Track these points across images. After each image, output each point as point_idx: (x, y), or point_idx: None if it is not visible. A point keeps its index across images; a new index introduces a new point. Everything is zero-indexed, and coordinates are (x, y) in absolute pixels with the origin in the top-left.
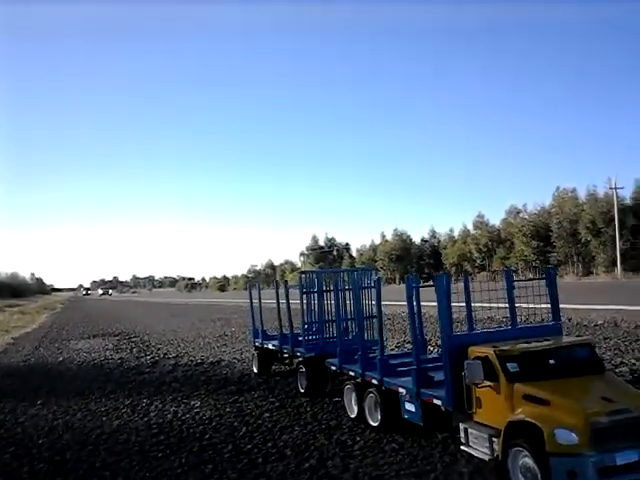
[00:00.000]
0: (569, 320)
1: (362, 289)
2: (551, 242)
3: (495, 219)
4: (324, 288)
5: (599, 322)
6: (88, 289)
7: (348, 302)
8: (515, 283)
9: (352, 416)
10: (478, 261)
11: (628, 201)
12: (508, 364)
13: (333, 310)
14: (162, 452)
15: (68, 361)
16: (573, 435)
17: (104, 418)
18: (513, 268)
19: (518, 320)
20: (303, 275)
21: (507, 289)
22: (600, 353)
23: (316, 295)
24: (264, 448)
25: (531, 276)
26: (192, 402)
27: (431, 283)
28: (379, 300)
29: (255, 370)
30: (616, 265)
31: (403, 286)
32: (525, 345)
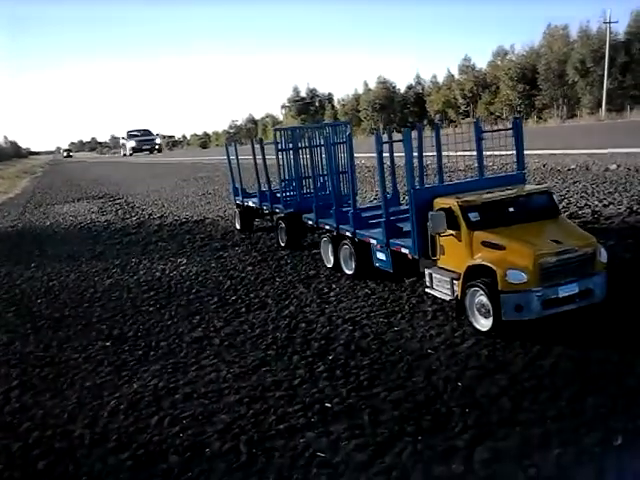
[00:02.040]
0: (544, 166)
1: (336, 144)
2: (537, 85)
3: (482, 63)
4: (299, 145)
5: (572, 167)
6: (69, 150)
7: (324, 158)
8: (484, 134)
9: (329, 266)
10: (463, 107)
11: (621, 36)
12: (470, 214)
13: (309, 166)
14: (153, 306)
15: (55, 225)
16: (523, 274)
17: (96, 278)
18: (498, 114)
19: (493, 169)
20: (278, 132)
21: (475, 140)
22: (568, 197)
23: (291, 152)
24: (247, 299)
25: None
26: (179, 259)
27: (400, 138)
28: (351, 156)
29: (238, 227)
30: (601, 106)
31: (385, 137)
32: (487, 195)
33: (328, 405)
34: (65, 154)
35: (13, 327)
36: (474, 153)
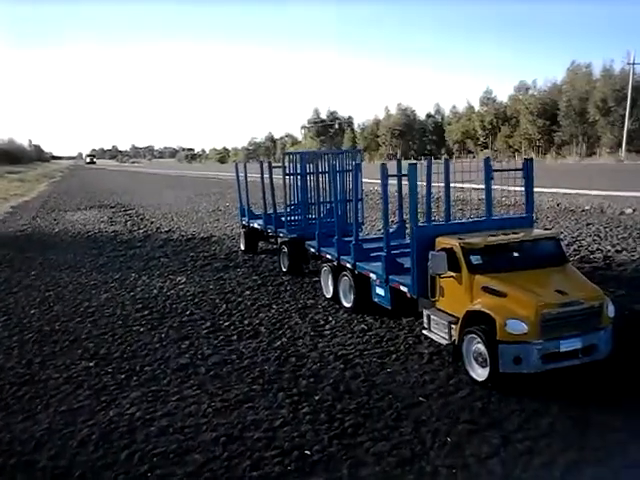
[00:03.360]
0: (557, 205)
1: (345, 172)
2: (557, 121)
3: (503, 96)
4: (307, 170)
5: (586, 207)
6: (93, 156)
7: (332, 184)
8: (495, 173)
9: (328, 296)
10: (482, 139)
11: None
12: (472, 256)
13: (315, 193)
14: (144, 327)
15: (63, 232)
16: (523, 325)
17: (93, 291)
18: (516, 147)
19: (507, 204)
20: (287, 156)
21: (485, 179)
22: (579, 239)
23: (299, 177)
24: (240, 326)
25: (534, 156)
26: (178, 278)
27: (405, 173)
28: (357, 185)
29: (242, 247)
30: (621, 146)
31: (403, 163)
32: (490, 238)
33: (307, 452)
34: (88, 160)
35: None
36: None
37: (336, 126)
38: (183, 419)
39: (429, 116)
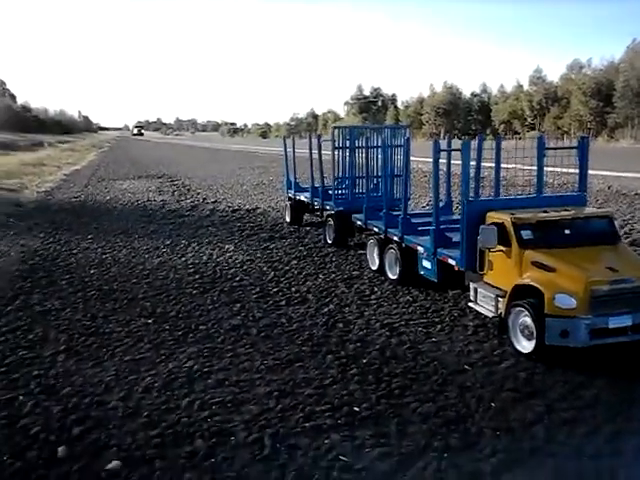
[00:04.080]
0: (608, 188)
1: (393, 147)
2: (612, 102)
3: (554, 76)
4: (356, 144)
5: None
6: (141, 127)
7: (379, 159)
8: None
9: (373, 268)
10: (529, 120)
11: None
12: (522, 231)
13: (364, 167)
14: (196, 289)
15: (114, 200)
16: (572, 300)
17: (146, 255)
18: (565, 129)
19: (553, 185)
20: (336, 130)
21: (537, 156)
22: (631, 223)
23: (347, 151)
24: (288, 292)
25: None
26: (226, 246)
27: (458, 147)
28: (407, 160)
29: (287, 219)
30: None
31: (445, 142)
32: (542, 214)
33: (356, 409)
34: (136, 131)
35: (66, 294)
36: (534, 168)
37: (379, 103)
38: (238, 374)
39: (475, 95)
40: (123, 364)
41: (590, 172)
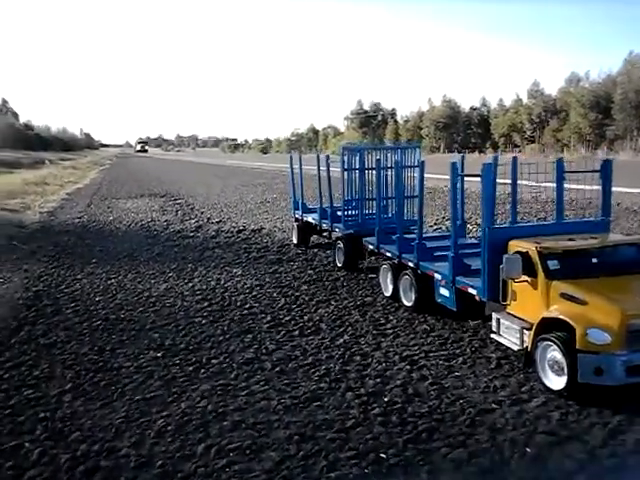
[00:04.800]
0: (618, 204)
1: (405, 167)
2: (611, 115)
3: (552, 89)
4: (366, 165)
5: None
6: (145, 143)
7: (389, 178)
8: (566, 174)
9: (387, 294)
10: (528, 132)
11: None
12: (549, 261)
13: (374, 188)
14: (205, 319)
15: (117, 220)
16: (606, 335)
17: (152, 281)
18: (565, 141)
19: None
20: (345, 150)
21: (556, 179)
22: None
23: (357, 172)
24: (301, 321)
25: (583, 151)
26: (234, 270)
27: (478, 173)
28: (421, 184)
29: (295, 241)
30: None
31: (447, 156)
32: (568, 243)
33: (383, 456)
34: (139, 147)
35: (71, 325)
36: (545, 185)
37: (379, 118)
38: (254, 415)
39: (474, 109)
40: (133, 404)
41: (595, 187)
